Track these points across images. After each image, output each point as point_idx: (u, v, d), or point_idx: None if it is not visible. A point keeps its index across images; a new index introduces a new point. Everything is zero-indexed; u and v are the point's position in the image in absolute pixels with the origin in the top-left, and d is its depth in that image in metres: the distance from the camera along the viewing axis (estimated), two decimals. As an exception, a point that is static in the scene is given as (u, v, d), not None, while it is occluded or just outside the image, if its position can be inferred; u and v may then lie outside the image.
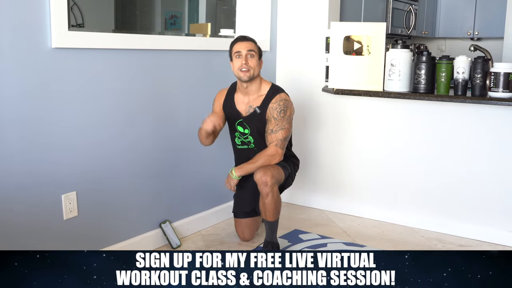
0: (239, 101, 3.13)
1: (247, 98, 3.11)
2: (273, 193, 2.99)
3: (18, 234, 2.44)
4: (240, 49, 3.01)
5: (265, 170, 2.98)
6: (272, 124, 3.05)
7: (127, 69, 2.87)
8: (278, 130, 3.05)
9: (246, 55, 2.99)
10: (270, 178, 2.95)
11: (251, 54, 3.01)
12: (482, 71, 3.09)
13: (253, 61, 3.01)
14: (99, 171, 2.77)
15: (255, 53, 3.03)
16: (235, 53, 3.03)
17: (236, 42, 3.06)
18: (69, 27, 2.52)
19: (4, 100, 2.33)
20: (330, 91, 3.53)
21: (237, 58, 3.02)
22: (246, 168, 3.07)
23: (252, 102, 3.10)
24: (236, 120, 3.13)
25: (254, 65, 3.01)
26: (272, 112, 3.04)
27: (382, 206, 3.70)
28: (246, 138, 3.15)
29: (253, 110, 3.08)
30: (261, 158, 3.05)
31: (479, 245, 3.30)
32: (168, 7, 4.46)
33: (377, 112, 3.66)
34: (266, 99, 3.07)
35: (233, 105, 3.13)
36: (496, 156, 3.29)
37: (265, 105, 3.06)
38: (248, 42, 3.04)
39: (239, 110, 3.12)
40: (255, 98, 3.10)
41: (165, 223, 3.17)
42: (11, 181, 2.39)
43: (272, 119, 3.04)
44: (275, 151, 3.05)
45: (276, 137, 3.05)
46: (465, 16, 5.91)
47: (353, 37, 3.46)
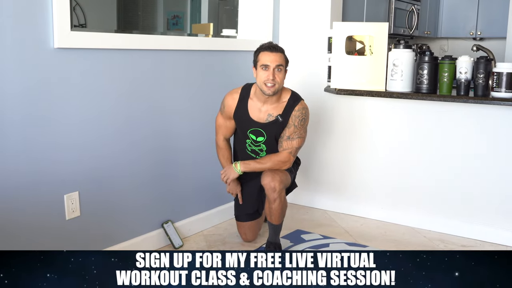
0: (253, 108, 3.01)
1: (265, 106, 2.99)
2: (281, 198, 2.97)
3: (21, 233, 2.44)
4: (268, 63, 2.84)
5: (274, 175, 2.94)
6: (290, 131, 2.98)
7: (129, 69, 2.87)
8: (295, 138, 3.00)
9: (274, 69, 2.84)
10: (278, 184, 2.92)
11: (279, 69, 2.86)
12: (485, 71, 3.08)
13: (280, 75, 2.86)
14: (101, 171, 2.78)
15: (283, 67, 2.89)
16: (261, 65, 2.86)
17: (264, 51, 2.88)
18: (72, 27, 2.52)
19: (7, 100, 2.33)
20: (332, 91, 3.52)
21: (263, 70, 2.86)
22: (253, 167, 3.02)
23: (271, 111, 2.98)
24: (249, 128, 3.04)
25: (280, 79, 2.87)
26: (295, 120, 2.96)
27: (385, 207, 3.70)
28: (258, 146, 3.07)
29: (273, 118, 2.97)
30: (270, 161, 3.00)
31: (482, 245, 3.30)
32: (170, 7, 4.47)
33: (380, 112, 3.65)
34: (288, 107, 2.97)
35: (246, 113, 3.01)
36: (499, 156, 3.28)
37: (287, 113, 2.97)
38: (277, 54, 2.86)
39: (253, 118, 3.01)
40: (274, 107, 2.98)
41: (167, 223, 3.17)
42: (14, 181, 2.40)
43: (292, 127, 2.97)
44: (287, 158, 3.00)
45: (292, 145, 2.99)
46: (467, 16, 5.90)
47: (355, 37, 3.45)
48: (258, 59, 2.89)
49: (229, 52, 3.52)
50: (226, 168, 3.11)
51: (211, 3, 4.42)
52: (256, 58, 2.92)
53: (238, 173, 3.06)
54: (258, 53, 2.92)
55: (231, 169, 3.07)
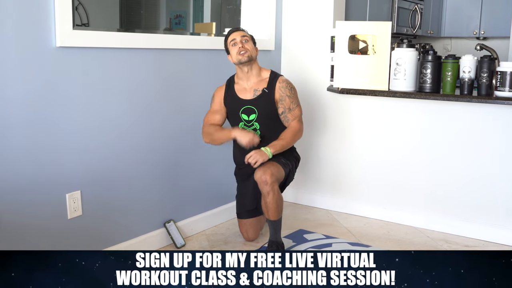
0: (240, 90, 3.17)
1: (249, 83, 3.16)
2: (274, 191, 2.97)
3: (23, 233, 2.44)
4: (235, 37, 3.11)
5: (265, 169, 2.95)
6: (287, 103, 3.12)
7: (131, 68, 2.87)
8: (295, 107, 3.15)
9: (241, 41, 3.09)
10: (269, 177, 2.93)
11: (245, 39, 3.10)
12: (488, 70, 3.07)
13: (248, 44, 3.10)
14: (103, 170, 2.77)
15: (249, 38, 3.13)
16: (230, 42, 3.11)
17: (230, 33, 3.16)
18: (74, 26, 2.52)
19: (9, 98, 2.33)
20: (335, 90, 3.52)
21: (233, 46, 3.10)
22: (278, 145, 3.04)
23: (256, 86, 3.15)
24: (240, 108, 3.14)
25: (250, 48, 3.09)
26: (284, 90, 3.12)
27: (388, 206, 3.69)
28: (252, 126, 3.12)
29: (260, 91, 3.12)
30: (288, 133, 3.10)
31: (485, 245, 3.28)
32: (173, 6, 4.48)
33: (383, 111, 3.64)
34: (270, 80, 3.15)
35: (234, 95, 3.17)
36: (503, 156, 3.26)
37: (272, 86, 3.13)
38: (240, 31, 3.15)
39: (242, 97, 3.15)
40: (257, 82, 3.16)
41: (170, 223, 3.17)
42: (16, 180, 2.40)
43: (286, 98, 3.12)
44: (300, 126, 3.14)
45: (296, 113, 3.14)
46: (471, 16, 5.87)
47: (358, 36, 3.45)
48: (227, 41, 3.14)
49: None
50: (256, 152, 2.98)
51: (214, 3, 4.43)
52: (226, 43, 3.15)
53: (269, 156, 2.99)
54: (226, 38, 3.16)
55: (262, 152, 2.97)
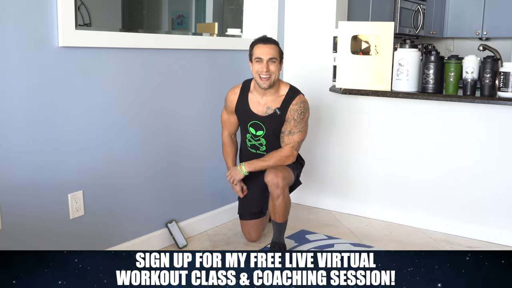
0: (253, 102, 3.06)
1: (264, 98, 3.04)
2: (284, 195, 2.97)
3: (25, 233, 2.44)
4: (262, 56, 2.91)
5: (276, 171, 2.94)
6: (290, 126, 3.01)
7: (133, 68, 2.86)
8: (296, 132, 3.02)
9: (267, 62, 2.91)
10: (281, 180, 2.92)
11: (272, 61, 2.92)
12: (491, 71, 3.06)
13: (273, 66, 2.92)
14: (105, 170, 2.77)
15: (277, 59, 2.94)
16: (255, 58, 2.94)
17: (258, 44, 2.97)
18: (76, 26, 2.52)
19: (12, 98, 2.33)
20: (337, 91, 3.51)
21: (257, 62, 2.93)
22: (257, 165, 3.04)
23: (270, 103, 3.03)
24: (249, 122, 3.08)
25: (274, 71, 2.93)
26: (293, 113, 2.99)
27: (390, 207, 3.68)
28: (258, 141, 3.10)
29: (272, 111, 3.01)
30: (274, 157, 3.02)
31: (488, 246, 3.27)
32: (175, 6, 4.48)
33: (385, 112, 3.64)
34: (286, 100, 3.00)
35: (247, 106, 3.07)
36: (506, 157, 3.25)
37: (286, 107, 3.00)
38: (270, 47, 2.94)
39: (254, 111, 3.05)
40: (273, 99, 3.03)
41: (172, 223, 3.17)
42: (18, 180, 2.40)
43: (292, 121, 3.00)
44: (290, 153, 3.02)
45: (294, 139, 3.02)
46: (473, 16, 5.85)
47: (360, 36, 3.44)
48: (253, 53, 2.97)
49: (233, 51, 3.51)
50: (232, 170, 3.14)
51: (216, 3, 4.42)
52: (251, 51, 2.99)
53: (244, 174, 3.07)
54: (252, 46, 2.99)
55: (236, 171, 3.09)
